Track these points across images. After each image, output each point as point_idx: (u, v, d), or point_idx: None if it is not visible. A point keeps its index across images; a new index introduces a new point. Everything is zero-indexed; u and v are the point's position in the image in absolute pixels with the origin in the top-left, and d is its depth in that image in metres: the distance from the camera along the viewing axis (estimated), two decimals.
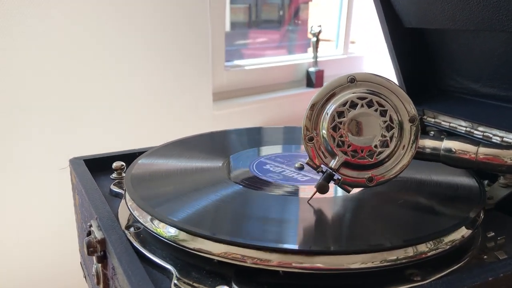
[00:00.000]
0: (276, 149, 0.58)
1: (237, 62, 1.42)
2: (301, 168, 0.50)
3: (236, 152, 0.56)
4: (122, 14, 1.02)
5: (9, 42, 0.88)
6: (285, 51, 1.71)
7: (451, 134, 0.59)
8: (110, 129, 1.05)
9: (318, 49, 1.53)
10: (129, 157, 0.54)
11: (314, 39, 1.52)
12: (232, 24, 1.56)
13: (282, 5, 1.69)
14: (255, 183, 0.47)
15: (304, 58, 1.57)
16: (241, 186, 0.45)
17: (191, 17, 1.14)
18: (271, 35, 1.70)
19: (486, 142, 0.56)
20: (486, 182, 0.51)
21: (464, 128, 0.61)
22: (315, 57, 1.52)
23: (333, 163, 0.39)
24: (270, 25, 1.70)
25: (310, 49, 1.58)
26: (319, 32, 1.52)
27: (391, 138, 0.39)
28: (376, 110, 0.39)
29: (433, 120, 0.66)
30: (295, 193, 0.45)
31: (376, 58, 1.66)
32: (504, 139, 0.56)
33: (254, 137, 0.65)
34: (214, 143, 0.61)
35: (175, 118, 1.18)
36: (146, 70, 1.09)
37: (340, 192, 0.44)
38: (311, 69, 1.52)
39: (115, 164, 0.52)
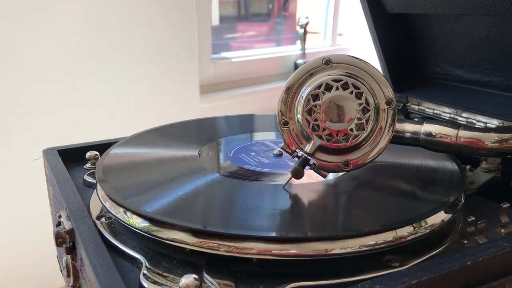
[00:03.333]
0: (256, 137, 0.56)
1: (224, 54, 1.40)
2: (279, 155, 0.49)
3: (213, 141, 0.54)
4: (107, 7, 1.00)
5: None
6: (274, 44, 1.70)
7: None
8: (95, 124, 1.04)
9: (306, 41, 1.52)
10: (105, 147, 0.52)
11: (302, 30, 1.51)
12: (221, 17, 1.54)
13: None
14: (231, 171, 0.45)
15: (292, 50, 1.56)
16: (217, 175, 0.44)
17: (176, 8, 1.13)
18: (260, 27, 1.68)
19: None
20: (468, 167, 0.50)
21: (448, 115, 0.61)
22: (303, 48, 1.51)
23: (308, 148, 0.38)
24: (259, 18, 1.69)
25: (298, 41, 1.57)
26: (307, 23, 1.51)
27: (367, 121, 0.38)
28: (351, 93, 0.37)
29: (417, 107, 0.65)
30: (271, 180, 0.43)
31: (363, 50, 1.65)
32: (488, 124, 0.55)
33: (231, 125, 0.64)
34: (190, 132, 0.60)
35: (161, 111, 1.16)
36: (132, 63, 1.08)
37: (316, 177, 0.43)
38: (299, 61, 1.51)
39: (88, 154, 0.51)
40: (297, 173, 0.39)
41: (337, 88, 0.37)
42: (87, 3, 0.97)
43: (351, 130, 0.38)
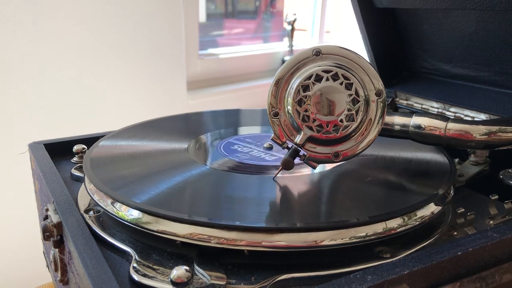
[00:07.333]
0: (246, 130, 0.56)
1: (211, 50, 1.39)
2: (270, 148, 0.49)
3: (203, 134, 0.54)
4: (93, 3, 0.99)
5: None
6: (261, 41, 1.70)
7: None
8: (82, 120, 1.03)
9: (293, 37, 1.52)
10: (92, 141, 0.52)
11: (289, 27, 1.51)
12: (208, 14, 1.54)
13: None
14: (221, 163, 0.45)
15: (279, 47, 1.56)
16: (207, 167, 0.44)
17: (163, 5, 1.12)
18: (247, 24, 1.68)
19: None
20: (457, 160, 0.51)
21: (436, 109, 0.61)
22: (291, 45, 1.51)
23: (298, 139, 0.38)
24: (246, 15, 1.68)
25: (286, 38, 1.57)
26: (294, 20, 1.51)
27: (357, 112, 0.38)
28: (341, 84, 0.37)
29: (405, 102, 0.66)
30: (261, 172, 0.43)
31: (350, 48, 1.65)
32: (475, 119, 0.56)
33: (221, 119, 0.64)
34: (180, 125, 0.60)
35: (149, 108, 1.15)
36: (118, 59, 1.07)
37: (307, 168, 0.43)
38: (287, 58, 1.51)
39: (76, 147, 0.50)
40: (287, 164, 0.38)
41: (327, 79, 0.37)
42: (75, 1, 0.96)
43: (341, 121, 0.38)
